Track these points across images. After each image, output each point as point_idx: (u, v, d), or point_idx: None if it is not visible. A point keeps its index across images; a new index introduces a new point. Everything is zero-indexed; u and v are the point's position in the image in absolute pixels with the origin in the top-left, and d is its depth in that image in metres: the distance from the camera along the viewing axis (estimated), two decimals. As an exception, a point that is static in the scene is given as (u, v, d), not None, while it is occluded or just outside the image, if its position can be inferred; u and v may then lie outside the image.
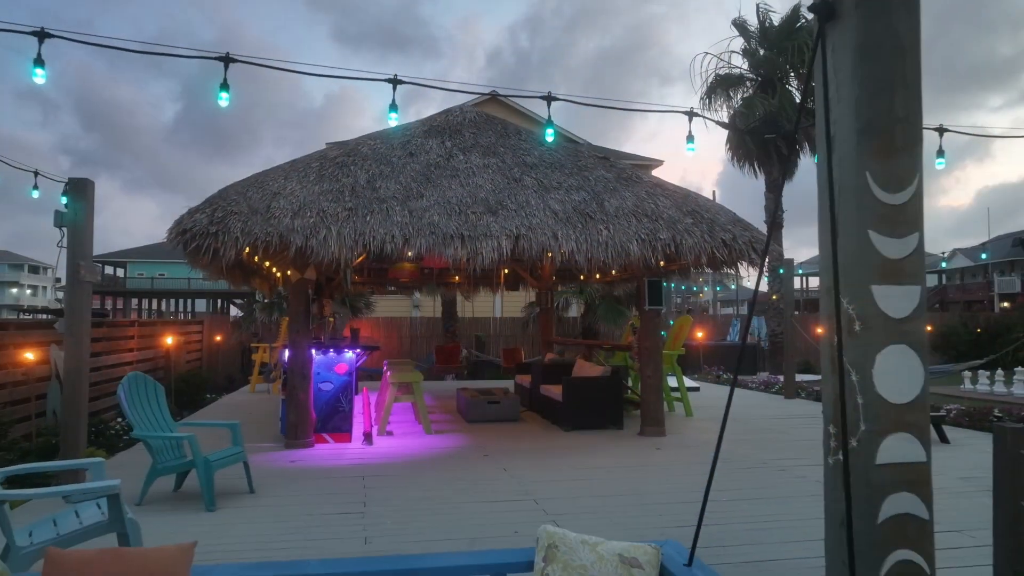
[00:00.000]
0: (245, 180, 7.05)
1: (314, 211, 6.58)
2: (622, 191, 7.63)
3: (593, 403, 8.32)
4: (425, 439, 7.69)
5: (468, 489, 5.40)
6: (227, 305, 58.11)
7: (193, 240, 6.29)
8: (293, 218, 6.48)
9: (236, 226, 6.29)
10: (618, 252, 6.95)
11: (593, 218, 7.14)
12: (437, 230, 6.64)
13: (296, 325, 7.30)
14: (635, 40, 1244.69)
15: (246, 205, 6.53)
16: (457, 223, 6.77)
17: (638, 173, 8.35)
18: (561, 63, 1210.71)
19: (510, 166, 7.78)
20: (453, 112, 8.93)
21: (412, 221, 6.72)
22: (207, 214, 6.40)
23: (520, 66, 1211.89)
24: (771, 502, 4.99)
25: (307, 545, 4.04)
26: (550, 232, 6.85)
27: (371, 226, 6.57)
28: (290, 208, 6.58)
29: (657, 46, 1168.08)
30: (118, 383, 5.02)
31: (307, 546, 4.02)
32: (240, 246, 6.28)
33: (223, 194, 6.75)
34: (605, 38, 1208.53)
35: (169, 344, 11.95)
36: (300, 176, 7.05)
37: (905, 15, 1.99)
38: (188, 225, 6.34)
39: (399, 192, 7.03)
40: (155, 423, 5.06)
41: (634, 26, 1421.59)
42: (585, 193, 7.48)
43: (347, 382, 7.61)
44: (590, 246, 6.90)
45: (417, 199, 6.96)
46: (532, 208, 7.07)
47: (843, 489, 1.94)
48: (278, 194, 6.74)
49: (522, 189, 7.38)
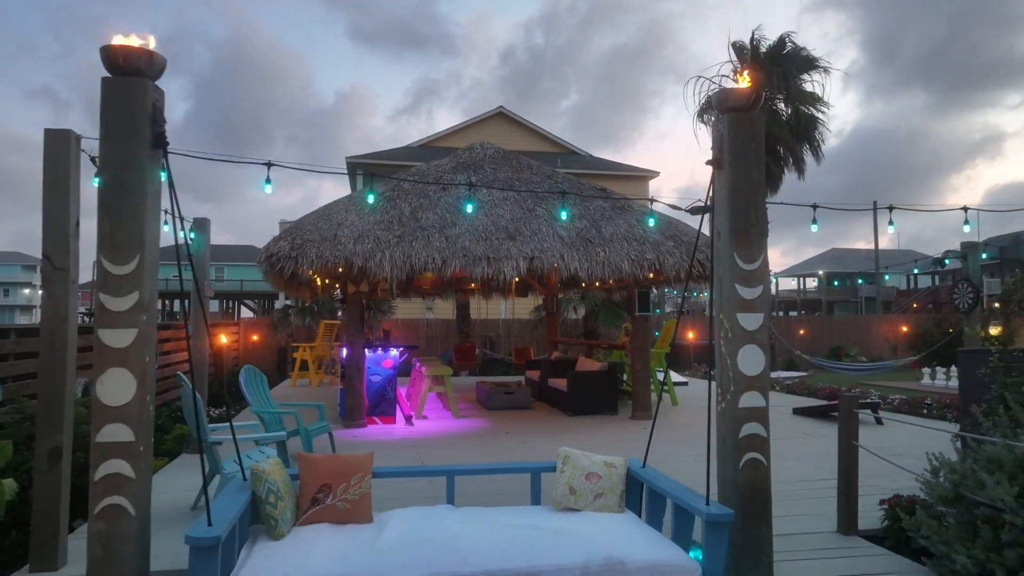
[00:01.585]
0: (315, 212, 8.77)
1: (371, 238, 8.29)
2: (616, 219, 9.33)
3: (593, 393, 10.02)
4: (454, 422, 9.40)
5: (498, 455, 7.11)
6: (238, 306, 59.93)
7: (278, 262, 8.01)
8: (355, 244, 8.19)
9: (312, 251, 8.01)
10: (613, 270, 8.65)
11: (592, 242, 8.84)
12: (468, 253, 8.35)
13: (352, 328, 9.03)
14: (650, 37, 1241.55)
15: (317, 234, 8.25)
16: (483, 247, 8.47)
17: (629, 203, 10.05)
18: (575, 61, 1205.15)
19: (524, 198, 9.48)
20: (475, 149, 10.64)
21: (448, 245, 8.42)
22: (288, 242, 8.12)
23: (534, 64, 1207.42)
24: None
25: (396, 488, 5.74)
26: (558, 254, 8.55)
27: (416, 250, 8.28)
28: (352, 236, 8.29)
29: (672, 44, 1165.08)
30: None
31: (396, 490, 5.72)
32: (315, 267, 8.00)
33: (299, 225, 8.47)
34: (620, 35, 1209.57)
35: (221, 344, 13.69)
36: (358, 209, 8.76)
37: (756, 168, 3.70)
38: (274, 250, 8.06)
39: (436, 221, 8.73)
40: (264, 402, 6.77)
41: (649, 23, 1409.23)
42: (586, 221, 9.18)
43: (392, 375, 9.34)
44: (590, 265, 8.60)
45: (451, 227, 8.67)
46: (543, 234, 8.78)
47: (725, 419, 3.66)
48: (341, 224, 8.45)
49: (534, 218, 9.08)
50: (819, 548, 4.20)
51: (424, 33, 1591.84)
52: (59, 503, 3.78)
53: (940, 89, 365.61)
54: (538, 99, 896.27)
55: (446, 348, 17.83)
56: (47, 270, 3.86)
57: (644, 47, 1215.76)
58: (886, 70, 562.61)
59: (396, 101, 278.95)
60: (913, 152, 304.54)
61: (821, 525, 4.60)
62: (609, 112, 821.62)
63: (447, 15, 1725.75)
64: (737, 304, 3.63)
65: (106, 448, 3.02)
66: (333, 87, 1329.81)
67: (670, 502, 3.51)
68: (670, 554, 3.10)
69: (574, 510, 3.66)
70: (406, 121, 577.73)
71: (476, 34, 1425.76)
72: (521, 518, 3.49)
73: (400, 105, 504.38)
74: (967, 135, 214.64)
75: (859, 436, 4.56)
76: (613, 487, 3.71)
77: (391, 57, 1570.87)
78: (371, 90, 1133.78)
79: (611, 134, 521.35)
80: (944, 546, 3.50)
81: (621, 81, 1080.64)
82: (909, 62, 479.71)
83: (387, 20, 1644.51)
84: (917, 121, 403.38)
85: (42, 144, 3.89)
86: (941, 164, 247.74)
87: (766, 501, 3.61)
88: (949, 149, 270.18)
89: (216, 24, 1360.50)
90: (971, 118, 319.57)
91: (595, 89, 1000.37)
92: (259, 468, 3.32)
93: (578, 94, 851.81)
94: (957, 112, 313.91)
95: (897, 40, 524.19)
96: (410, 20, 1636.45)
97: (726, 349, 3.66)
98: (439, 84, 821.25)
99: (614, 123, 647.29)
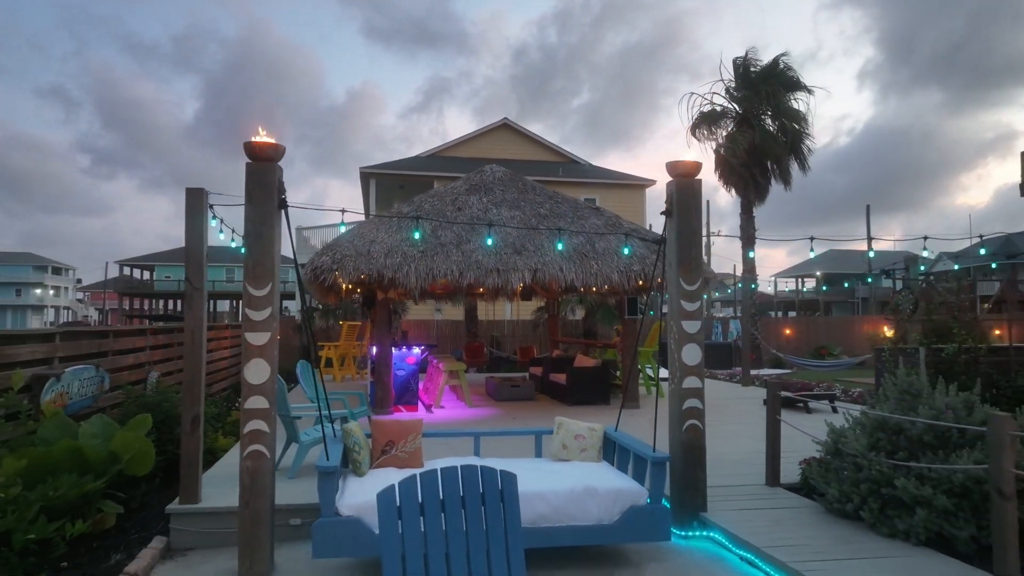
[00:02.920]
0: (350, 231, 10.27)
1: (399, 253, 9.78)
2: (607, 236, 10.81)
3: (589, 386, 11.50)
4: (468, 410, 10.89)
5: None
6: (248, 306, 61.51)
7: (321, 274, 9.51)
8: (385, 258, 9.68)
9: (350, 264, 9.50)
10: (604, 280, 10.13)
11: (587, 256, 10.32)
12: (481, 266, 9.83)
13: (380, 329, 10.52)
14: (664, 35, 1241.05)
15: (353, 250, 9.74)
16: (494, 261, 9.95)
17: (620, 220, 11.53)
18: (587, 59, 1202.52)
19: (529, 217, 10.97)
20: (486, 172, 12.13)
21: (464, 259, 9.90)
22: (330, 256, 9.61)
23: (546, 62, 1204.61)
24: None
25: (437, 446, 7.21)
26: (558, 267, 10.03)
27: (437, 263, 9.76)
28: (383, 251, 9.78)
29: (687, 42, 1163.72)
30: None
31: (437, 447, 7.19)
32: (352, 278, 9.49)
33: (337, 242, 9.98)
34: (633, 33, 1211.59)
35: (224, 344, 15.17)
36: (387, 228, 10.25)
37: (696, 218, 5.18)
38: (318, 264, 9.56)
39: (454, 238, 10.22)
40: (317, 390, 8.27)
41: (664, 20, 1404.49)
42: (582, 238, 10.66)
43: (415, 370, 10.84)
44: (585, 276, 10.08)
45: (467, 243, 10.15)
46: (545, 250, 10.26)
47: (674, 396, 5.15)
48: (373, 241, 9.94)
49: (537, 235, 10.56)
50: (749, 495, 5.68)
51: (438, 31, 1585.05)
52: (198, 455, 5.26)
53: (956, 87, 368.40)
54: (550, 98, 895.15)
55: (456, 347, 19.34)
56: (188, 289, 5.35)
57: (658, 45, 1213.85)
58: (903, 67, 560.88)
59: (408, 100, 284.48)
60: (926, 150, 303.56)
61: (755, 480, 6.08)
62: (620, 110, 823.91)
63: (462, 13, 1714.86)
64: (681, 314, 5.12)
65: (251, 412, 4.51)
66: (344, 85, 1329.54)
67: (632, 454, 4.99)
68: (628, 484, 4.59)
69: (565, 460, 5.15)
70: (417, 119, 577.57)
71: (490, 32, 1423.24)
72: (528, 464, 4.98)
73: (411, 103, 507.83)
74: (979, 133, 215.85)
75: (806, 419, 6.03)
76: (593, 444, 5.20)
77: (406, 56, 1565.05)
78: (383, 89, 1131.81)
79: (622, 132, 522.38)
80: (824, 484, 4.99)
81: (633, 79, 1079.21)
82: (925, 60, 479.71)
83: (402, 18, 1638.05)
84: (932, 119, 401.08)
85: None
86: (952, 162, 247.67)
87: (701, 453, 5.10)
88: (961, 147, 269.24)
89: (228, 22, 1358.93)
90: (985, 116, 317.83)
91: (607, 88, 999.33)
92: (348, 428, 4.82)
93: (590, 93, 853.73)
94: (973, 110, 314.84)
95: (914, 37, 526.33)
96: (425, 18, 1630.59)
97: (674, 346, 5.15)
98: (451, 83, 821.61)
99: (625, 122, 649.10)
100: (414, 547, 2.59)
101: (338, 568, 4.58)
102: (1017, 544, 3.72)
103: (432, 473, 2.88)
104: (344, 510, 4.22)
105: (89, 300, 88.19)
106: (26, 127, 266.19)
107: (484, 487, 2.73)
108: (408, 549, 2.58)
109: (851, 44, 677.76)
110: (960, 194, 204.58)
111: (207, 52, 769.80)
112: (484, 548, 2.61)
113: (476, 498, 2.69)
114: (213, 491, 5.48)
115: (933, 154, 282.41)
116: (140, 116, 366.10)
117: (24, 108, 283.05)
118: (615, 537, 4.48)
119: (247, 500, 4.44)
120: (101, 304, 72.62)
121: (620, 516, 4.47)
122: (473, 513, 2.65)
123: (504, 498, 2.73)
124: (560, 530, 4.39)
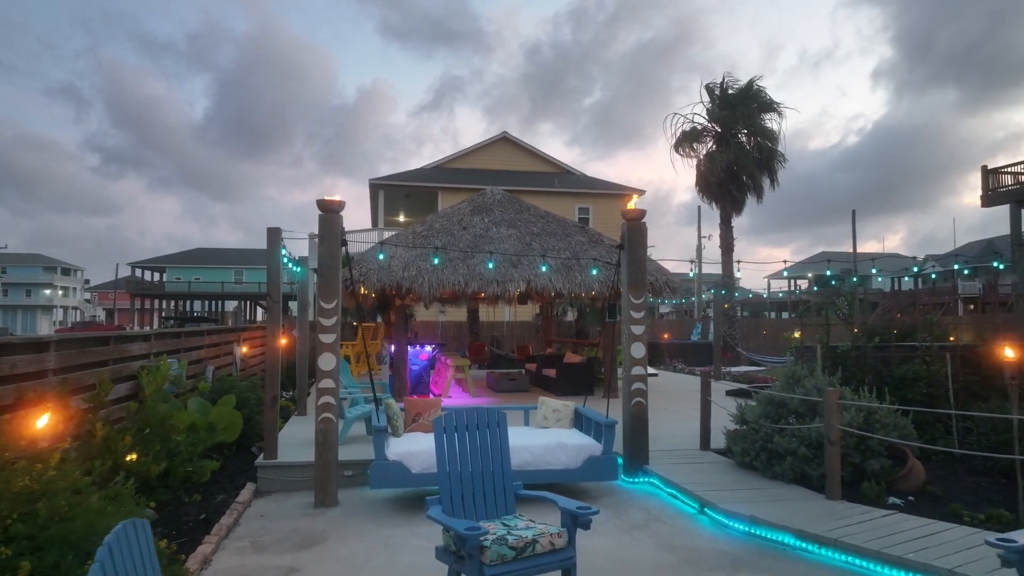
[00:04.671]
0: (373, 248, 12.16)
1: (414, 267, 11.67)
2: (591, 250, 12.70)
3: (576, 379, 13.37)
4: (472, 399, 12.78)
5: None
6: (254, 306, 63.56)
7: (349, 285, 11.39)
8: (403, 271, 11.57)
9: (373, 276, 11.40)
10: (587, 289, 12.03)
11: (573, 269, 12.21)
12: (484, 278, 11.72)
13: (398, 331, 12.42)
14: (678, 33, 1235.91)
15: (376, 264, 11.63)
16: (494, 273, 11.84)
17: (601, 236, 13.43)
18: (600, 57, 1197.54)
19: (523, 235, 12.86)
20: (487, 195, 14.03)
21: (469, 272, 11.79)
22: (357, 270, 11.51)
23: (559, 60, 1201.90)
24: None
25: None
26: (548, 278, 11.93)
27: (446, 275, 11.65)
28: (400, 265, 11.67)
29: (701, 40, 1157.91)
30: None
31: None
32: (375, 288, 11.38)
33: (362, 257, 11.88)
34: (647, 31, 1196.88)
35: (282, 344, 17.07)
36: (403, 245, 12.15)
37: (643, 249, 7.08)
38: (345, 276, 11.46)
39: (460, 254, 12.11)
40: (348, 381, 10.16)
41: (679, 18, 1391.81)
42: (568, 253, 12.55)
43: (427, 365, 12.74)
44: (571, 286, 11.98)
45: (472, 258, 12.05)
46: (538, 263, 12.15)
47: (625, 380, 7.05)
48: (392, 256, 11.84)
49: (531, 251, 12.46)
50: (684, 456, 7.57)
51: (457, 29, 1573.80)
52: (276, 424, 7.15)
53: (972, 86, 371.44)
54: (562, 96, 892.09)
55: (460, 346, 21.25)
56: (269, 302, 7.25)
57: (672, 43, 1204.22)
58: (919, 67, 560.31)
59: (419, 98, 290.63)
60: (938, 149, 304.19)
61: (692, 446, 7.97)
62: (633, 109, 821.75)
63: (479, 11, 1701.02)
64: (631, 321, 7.02)
65: (323, 390, 6.40)
66: (354, 82, 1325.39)
67: (593, 422, 6.89)
68: (588, 441, 6.49)
69: (545, 427, 7.05)
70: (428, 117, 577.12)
71: (505, 30, 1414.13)
72: (518, 429, 6.86)
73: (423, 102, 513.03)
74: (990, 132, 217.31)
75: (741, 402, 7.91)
76: (567, 416, 7.10)
77: (421, 54, 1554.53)
78: (394, 87, 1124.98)
79: (634, 132, 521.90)
80: (734, 445, 6.89)
81: (646, 78, 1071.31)
82: (942, 59, 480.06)
83: (420, 16, 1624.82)
84: (947, 118, 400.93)
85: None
86: (962, 161, 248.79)
87: (645, 423, 7.00)
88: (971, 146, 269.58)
89: (242, 20, 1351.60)
90: (998, 115, 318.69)
91: (619, 86, 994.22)
92: (388, 402, 6.72)
93: (602, 91, 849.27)
94: (988, 110, 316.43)
95: (931, 36, 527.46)
96: (442, 16, 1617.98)
97: (626, 344, 7.04)
98: (462, 81, 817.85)
99: (637, 121, 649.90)
100: (452, 449, 4.41)
101: (382, 501, 6.48)
102: (839, 475, 5.62)
103: (461, 409, 4.71)
104: (391, 456, 6.11)
105: (96, 300, 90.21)
106: (35, 126, 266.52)
107: (488, 418, 4.58)
108: (449, 451, 4.40)
109: (868, 43, 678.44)
110: (968, 193, 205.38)
111: (220, 50, 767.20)
112: (489, 453, 4.46)
113: (484, 424, 4.53)
114: (282, 451, 7.39)
115: (945, 153, 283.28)
116: (150, 114, 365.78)
117: (34, 107, 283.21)
118: (578, 477, 6.39)
119: (321, 452, 6.34)
120: (110, 304, 74.53)
121: (582, 463, 6.37)
122: (483, 433, 4.50)
123: (499, 425, 4.57)
124: (539, 472, 6.28)
